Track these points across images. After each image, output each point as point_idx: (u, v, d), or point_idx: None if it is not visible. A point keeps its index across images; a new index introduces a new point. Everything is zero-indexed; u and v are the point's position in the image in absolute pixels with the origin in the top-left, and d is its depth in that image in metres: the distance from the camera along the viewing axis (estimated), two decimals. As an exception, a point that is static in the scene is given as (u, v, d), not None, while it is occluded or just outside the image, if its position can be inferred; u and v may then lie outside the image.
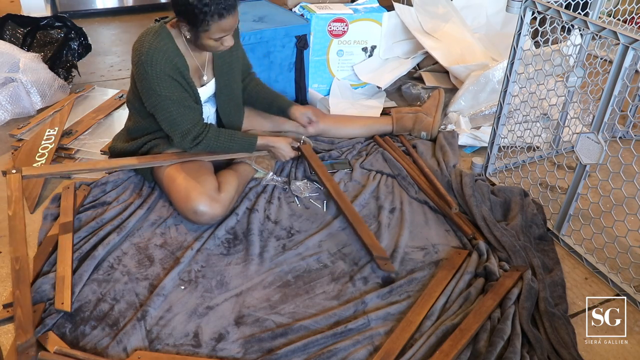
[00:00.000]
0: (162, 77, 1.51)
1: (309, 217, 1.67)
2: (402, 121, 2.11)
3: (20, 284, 1.25)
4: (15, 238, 1.32)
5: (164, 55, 1.50)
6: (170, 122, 1.57)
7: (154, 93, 1.53)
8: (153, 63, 1.49)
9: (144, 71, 1.50)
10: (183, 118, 1.57)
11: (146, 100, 1.57)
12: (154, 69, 1.49)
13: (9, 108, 2.15)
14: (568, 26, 1.47)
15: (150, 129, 1.70)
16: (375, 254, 1.47)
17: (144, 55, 1.49)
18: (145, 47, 1.49)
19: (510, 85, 1.70)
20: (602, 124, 1.40)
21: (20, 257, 1.29)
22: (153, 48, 1.49)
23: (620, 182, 1.45)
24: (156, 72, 1.50)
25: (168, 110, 1.55)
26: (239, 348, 1.23)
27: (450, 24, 2.61)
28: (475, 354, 1.21)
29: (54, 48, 2.46)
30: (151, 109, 1.59)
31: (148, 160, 1.66)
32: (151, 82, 1.51)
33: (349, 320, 1.30)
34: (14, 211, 1.37)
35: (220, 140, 1.64)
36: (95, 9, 3.49)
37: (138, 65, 1.52)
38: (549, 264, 1.50)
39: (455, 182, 1.79)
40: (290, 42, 2.21)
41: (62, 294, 1.31)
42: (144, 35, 1.53)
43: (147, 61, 1.49)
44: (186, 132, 1.58)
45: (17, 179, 1.45)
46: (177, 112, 1.55)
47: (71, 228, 1.52)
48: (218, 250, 1.53)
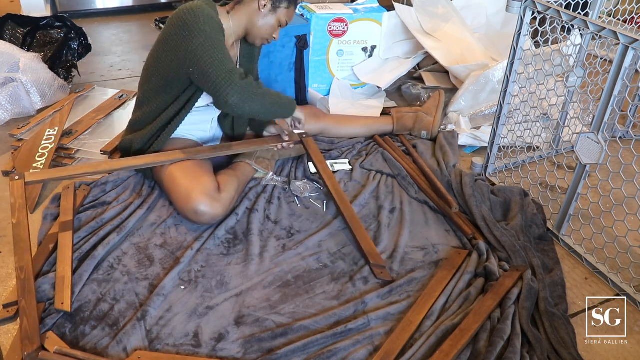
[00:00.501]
0: (212, 22, 1.53)
1: (309, 217, 1.67)
2: (402, 120, 2.11)
3: (25, 294, 1.23)
4: (19, 247, 1.30)
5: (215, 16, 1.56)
6: (217, 62, 1.50)
7: (202, 33, 1.50)
8: (205, 12, 1.53)
9: (194, 15, 1.51)
10: (228, 59, 1.54)
11: (191, 43, 1.50)
12: (205, 15, 1.52)
13: (9, 108, 2.15)
14: (568, 26, 1.47)
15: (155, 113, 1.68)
16: (372, 262, 1.47)
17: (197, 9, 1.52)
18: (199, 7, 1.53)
19: (510, 85, 1.70)
20: (602, 124, 1.40)
21: (25, 267, 1.27)
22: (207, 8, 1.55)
23: (620, 182, 1.45)
24: (207, 18, 1.52)
25: (215, 49, 1.51)
26: (239, 348, 1.23)
27: (450, 24, 2.61)
28: (475, 354, 1.21)
29: (54, 48, 2.46)
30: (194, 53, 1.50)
31: (151, 160, 1.65)
32: (201, 25, 1.51)
33: (349, 320, 1.30)
34: (18, 219, 1.34)
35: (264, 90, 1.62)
36: (95, 9, 3.49)
37: (187, 13, 1.52)
38: (549, 264, 1.50)
39: (455, 182, 1.79)
40: (290, 42, 2.21)
41: (62, 294, 1.31)
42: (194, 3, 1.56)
43: (200, 10, 1.52)
44: (232, 69, 1.53)
45: (20, 186, 1.43)
46: (222, 53, 1.52)
47: (71, 228, 1.52)
48: (218, 250, 1.53)
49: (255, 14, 1.64)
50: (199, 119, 1.79)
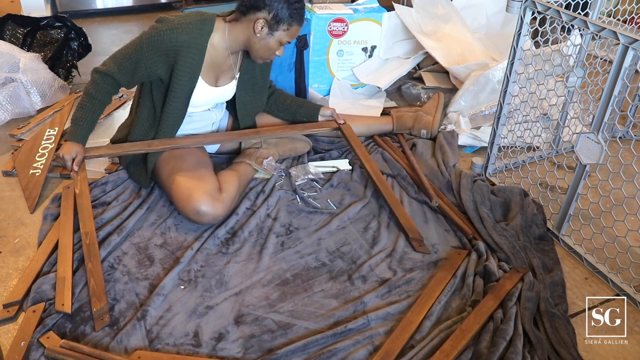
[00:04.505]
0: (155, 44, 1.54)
1: (308, 216, 1.68)
2: (402, 120, 2.11)
3: (91, 257, 1.38)
4: (83, 215, 1.49)
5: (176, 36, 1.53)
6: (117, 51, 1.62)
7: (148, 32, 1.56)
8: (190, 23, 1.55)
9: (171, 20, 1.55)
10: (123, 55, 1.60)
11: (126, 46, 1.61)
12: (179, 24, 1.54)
13: (9, 108, 2.15)
14: (568, 26, 1.47)
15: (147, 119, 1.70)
16: (411, 236, 1.56)
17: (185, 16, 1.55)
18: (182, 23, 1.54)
19: (510, 85, 1.70)
20: (602, 124, 1.40)
21: (90, 232, 1.43)
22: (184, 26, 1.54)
23: (620, 182, 1.45)
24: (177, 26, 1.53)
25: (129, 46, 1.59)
26: (239, 348, 1.23)
27: (451, 24, 2.61)
28: (477, 355, 1.21)
29: (54, 48, 2.46)
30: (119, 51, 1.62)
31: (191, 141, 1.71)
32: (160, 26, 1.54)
33: (348, 320, 1.30)
34: (81, 189, 1.56)
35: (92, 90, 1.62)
36: (95, 9, 3.49)
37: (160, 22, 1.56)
38: (549, 264, 1.50)
39: (455, 183, 1.79)
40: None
41: (62, 295, 1.31)
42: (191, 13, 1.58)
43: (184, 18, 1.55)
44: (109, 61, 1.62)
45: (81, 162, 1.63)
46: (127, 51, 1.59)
47: (71, 228, 1.52)
48: (217, 249, 1.53)
49: (252, 36, 1.58)
50: (200, 125, 1.81)
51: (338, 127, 1.90)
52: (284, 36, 1.59)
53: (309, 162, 1.92)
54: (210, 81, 1.67)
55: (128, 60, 1.58)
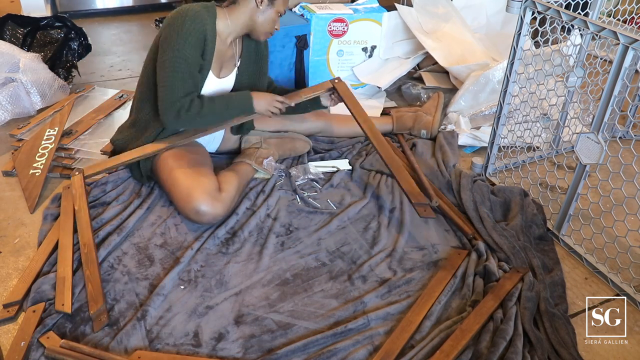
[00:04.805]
0: (193, 34, 1.53)
1: (308, 216, 1.68)
2: (402, 120, 2.11)
3: (89, 264, 1.41)
4: (82, 226, 1.53)
5: (202, 22, 1.54)
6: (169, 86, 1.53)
7: (174, 49, 1.52)
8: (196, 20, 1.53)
9: (180, 24, 1.52)
10: (183, 83, 1.54)
11: (162, 55, 1.55)
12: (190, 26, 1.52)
13: (9, 108, 2.15)
14: (568, 26, 1.47)
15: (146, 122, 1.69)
16: (414, 201, 1.49)
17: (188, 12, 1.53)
18: (192, 9, 1.54)
19: (510, 85, 1.70)
20: (602, 124, 1.40)
21: (87, 243, 1.47)
22: (199, 12, 1.54)
23: (620, 182, 1.45)
24: (190, 30, 1.52)
25: (176, 70, 1.53)
26: (239, 348, 1.23)
27: (451, 24, 2.61)
28: (477, 355, 1.21)
29: (54, 48, 2.46)
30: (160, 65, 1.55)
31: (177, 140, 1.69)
32: (179, 38, 1.52)
33: (348, 320, 1.30)
34: (80, 206, 1.59)
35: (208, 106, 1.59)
36: (95, 9, 3.49)
37: (175, 19, 1.54)
38: (549, 264, 1.50)
39: (455, 183, 1.79)
40: (290, 42, 2.21)
41: (62, 295, 1.31)
42: (190, 5, 1.57)
43: (190, 19, 1.52)
44: (178, 100, 1.54)
45: (80, 180, 1.67)
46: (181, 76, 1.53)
47: (71, 228, 1.52)
48: (217, 249, 1.53)
49: (255, 12, 1.63)
50: None
51: (332, 86, 1.85)
52: (281, 4, 1.65)
53: (309, 162, 1.92)
54: (215, 72, 1.68)
55: (188, 75, 1.55)
